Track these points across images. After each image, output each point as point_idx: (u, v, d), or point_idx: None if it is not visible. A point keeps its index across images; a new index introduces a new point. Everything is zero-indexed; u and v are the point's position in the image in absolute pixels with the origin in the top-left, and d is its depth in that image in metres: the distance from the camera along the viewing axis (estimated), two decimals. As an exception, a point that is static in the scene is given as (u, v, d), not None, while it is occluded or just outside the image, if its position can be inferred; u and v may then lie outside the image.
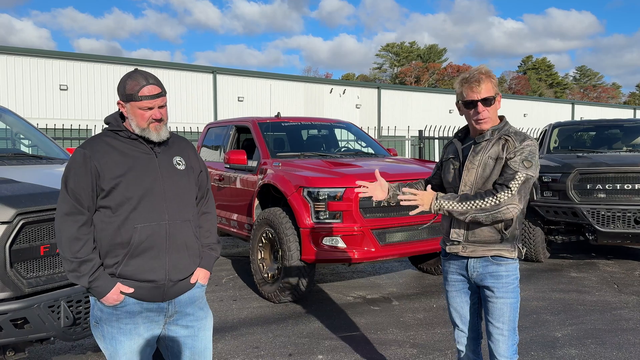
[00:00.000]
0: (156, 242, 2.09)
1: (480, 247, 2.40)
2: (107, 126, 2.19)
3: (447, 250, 2.51)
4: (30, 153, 4.38)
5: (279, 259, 4.99)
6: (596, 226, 6.08)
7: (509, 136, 2.36)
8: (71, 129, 11.25)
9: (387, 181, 2.65)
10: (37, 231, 2.80)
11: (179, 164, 2.22)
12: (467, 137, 2.54)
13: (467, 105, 2.39)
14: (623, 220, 6.00)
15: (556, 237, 6.70)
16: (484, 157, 2.36)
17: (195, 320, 2.25)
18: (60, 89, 19.19)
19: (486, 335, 2.49)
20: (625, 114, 38.07)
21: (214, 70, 23.05)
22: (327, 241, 4.71)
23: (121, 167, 2.07)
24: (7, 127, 4.85)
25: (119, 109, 2.15)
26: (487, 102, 2.35)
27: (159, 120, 2.12)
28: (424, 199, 2.36)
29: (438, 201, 2.33)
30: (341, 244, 4.71)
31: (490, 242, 2.38)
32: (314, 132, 7.08)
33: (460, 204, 2.30)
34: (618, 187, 6.13)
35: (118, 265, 2.07)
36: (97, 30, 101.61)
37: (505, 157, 2.32)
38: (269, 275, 5.14)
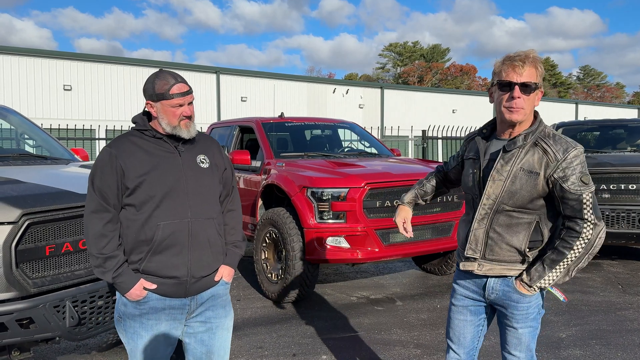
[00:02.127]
0: (179, 239, 2.12)
1: (498, 266, 2.14)
2: (134, 125, 2.22)
3: (461, 268, 2.22)
4: (34, 153, 4.40)
5: (282, 259, 4.99)
6: (600, 226, 6.05)
7: (546, 144, 2.03)
8: (75, 129, 11.25)
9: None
10: (43, 231, 2.81)
11: (203, 162, 2.25)
12: (492, 135, 2.21)
13: (502, 87, 2.04)
14: (627, 221, 5.98)
15: (560, 237, 6.68)
16: (514, 168, 2.04)
17: (216, 317, 2.28)
18: (64, 89, 19.25)
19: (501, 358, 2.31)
20: (630, 113, 37.97)
21: (218, 71, 23.08)
22: (330, 241, 4.72)
23: (145, 165, 2.11)
24: (12, 127, 4.87)
25: (147, 109, 2.19)
26: (527, 88, 2.01)
27: (189, 118, 2.17)
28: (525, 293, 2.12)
29: (534, 287, 2.07)
30: (345, 244, 4.71)
31: (510, 262, 2.13)
32: (318, 132, 7.09)
33: (555, 270, 2.04)
34: (622, 187, 6.11)
35: (142, 262, 2.12)
36: (97, 30, 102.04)
37: (553, 177, 2.00)
38: (273, 275, 5.15)
